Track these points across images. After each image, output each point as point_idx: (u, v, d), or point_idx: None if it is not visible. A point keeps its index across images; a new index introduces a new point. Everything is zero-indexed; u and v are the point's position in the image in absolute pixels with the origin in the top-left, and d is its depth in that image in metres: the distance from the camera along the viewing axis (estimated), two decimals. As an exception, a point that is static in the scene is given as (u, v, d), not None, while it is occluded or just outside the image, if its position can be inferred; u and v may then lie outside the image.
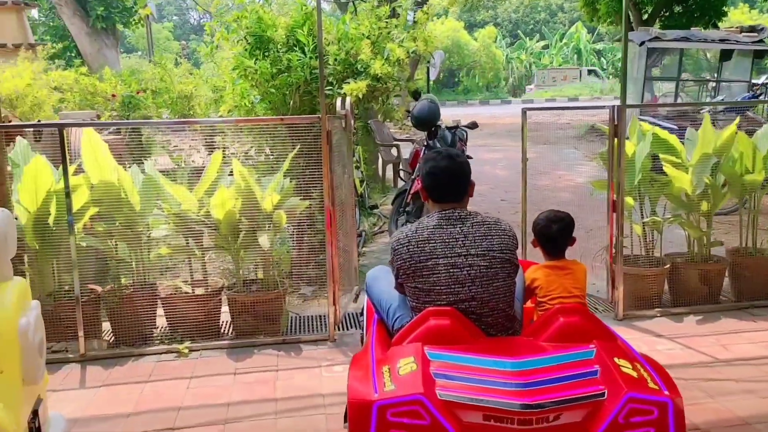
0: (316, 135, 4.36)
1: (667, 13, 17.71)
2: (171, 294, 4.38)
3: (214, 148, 5.76)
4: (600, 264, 4.98)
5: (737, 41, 10.47)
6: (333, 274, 4.19)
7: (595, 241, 6.52)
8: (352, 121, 4.59)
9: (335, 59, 4.79)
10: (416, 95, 6.10)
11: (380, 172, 9.34)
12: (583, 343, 2.29)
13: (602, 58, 37.58)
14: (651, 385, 2.10)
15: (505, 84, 34.70)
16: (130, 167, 4.37)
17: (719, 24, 16.85)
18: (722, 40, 10.63)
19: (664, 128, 9.04)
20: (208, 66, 11.94)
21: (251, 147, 5.27)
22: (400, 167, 7.74)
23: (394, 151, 9.17)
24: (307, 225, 5.29)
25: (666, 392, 2.08)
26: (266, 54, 4.95)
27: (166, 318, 4.35)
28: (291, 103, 4.93)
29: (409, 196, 6.44)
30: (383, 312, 2.83)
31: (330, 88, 4.76)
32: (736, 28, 11.41)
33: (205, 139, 5.69)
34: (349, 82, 4.63)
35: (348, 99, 4.51)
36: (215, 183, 4.30)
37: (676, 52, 11.52)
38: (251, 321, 4.30)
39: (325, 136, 3.94)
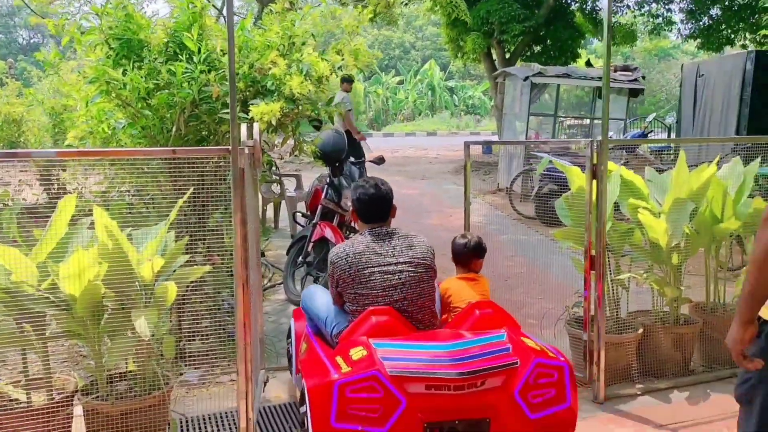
0: (215, 173, 3.20)
1: (528, 53, 18.19)
2: (-6, 405, 2.95)
3: (52, 186, 4.37)
4: (557, 327, 4.20)
5: (615, 79, 10.52)
6: (246, 367, 2.98)
7: (517, 294, 5.81)
8: (261, 154, 3.44)
9: (236, 74, 3.63)
10: (318, 124, 5.02)
11: (259, 212, 8.08)
12: (495, 328, 2.83)
13: (454, 95, 38.67)
14: (550, 354, 2.74)
15: (365, 117, 34.50)
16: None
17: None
18: (600, 78, 10.63)
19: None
20: (44, 84, 10.06)
21: (114, 187, 3.94)
22: (296, 210, 6.59)
23: (275, 187, 8.01)
24: (192, 285, 4.04)
25: (562, 358, 2.72)
26: (138, 64, 3.69)
27: (-14, 444, 2.91)
28: (173, 129, 3.68)
29: (311, 245, 5.34)
30: (321, 321, 3.21)
31: (228, 111, 3.58)
32: (611, 66, 11.57)
33: (41, 173, 4.27)
34: (256, 103, 3.49)
35: (256, 126, 3.38)
36: (66, 242, 2.96)
37: (554, 88, 11.46)
38: (120, 440, 2.98)
39: (239, 175, 2.78)
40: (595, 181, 3.51)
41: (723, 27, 16.90)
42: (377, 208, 3.09)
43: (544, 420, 2.59)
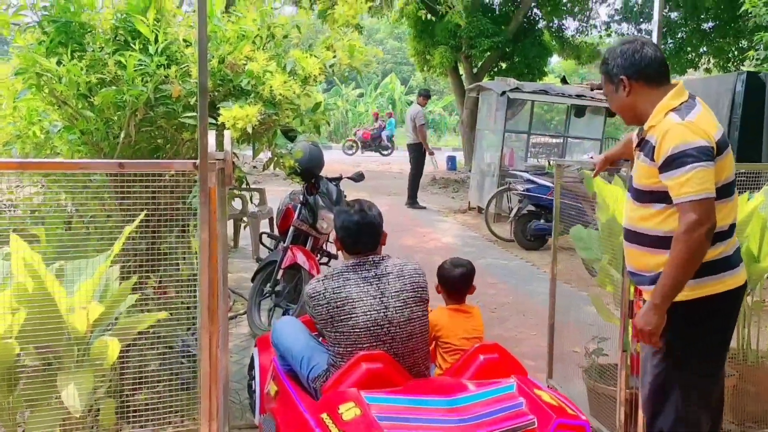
0: (171, 190, 2.52)
1: (496, 69, 17.94)
2: None
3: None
4: (568, 372, 3.63)
5: (592, 98, 10.16)
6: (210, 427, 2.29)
7: (507, 328, 5.24)
8: (233, 169, 2.76)
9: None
10: (291, 136, 4.35)
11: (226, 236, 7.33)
12: (502, 377, 2.51)
13: (415, 110, 38.40)
14: (570, 411, 2.35)
15: (325, 129, 33.88)
16: None
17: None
18: (578, 96, 10.26)
19: (543, 185, 8.21)
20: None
21: (45, 205, 3.20)
22: (259, 229, 5.88)
23: (236, 202, 7.28)
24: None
25: (583, 417, 2.36)
26: (79, 53, 2.97)
27: None
28: (122, 135, 2.97)
29: (281, 272, 4.66)
30: (296, 361, 2.83)
31: (191, 114, 2.90)
32: (587, 84, 11.23)
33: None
34: (227, 106, 2.82)
35: (227, 134, 2.70)
36: (-29, 281, 2.23)
37: (528, 105, 11.05)
38: None
39: (211, 196, 2.11)
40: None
41: (689, 50, 16.95)
42: (363, 237, 2.71)
43: None
